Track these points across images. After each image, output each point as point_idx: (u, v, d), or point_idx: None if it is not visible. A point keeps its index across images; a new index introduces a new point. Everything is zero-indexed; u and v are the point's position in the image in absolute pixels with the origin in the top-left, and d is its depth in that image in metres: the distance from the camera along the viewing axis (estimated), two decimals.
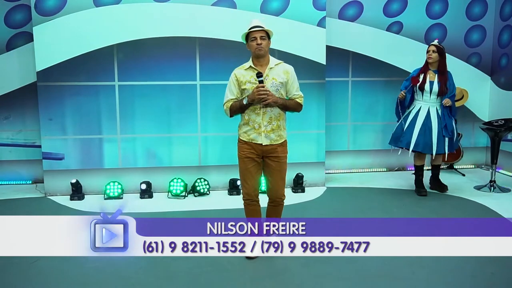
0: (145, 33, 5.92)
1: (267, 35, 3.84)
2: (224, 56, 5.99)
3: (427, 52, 5.83)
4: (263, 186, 5.50)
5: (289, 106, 3.89)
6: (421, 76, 5.83)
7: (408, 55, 7.16)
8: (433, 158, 5.99)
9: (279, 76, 3.84)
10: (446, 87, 5.73)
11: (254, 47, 3.78)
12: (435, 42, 5.87)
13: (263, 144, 3.85)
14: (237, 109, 3.88)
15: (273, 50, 5.79)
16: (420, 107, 5.87)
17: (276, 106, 3.82)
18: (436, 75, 5.78)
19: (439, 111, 5.80)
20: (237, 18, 5.97)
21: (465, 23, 7.33)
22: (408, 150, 5.90)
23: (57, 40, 5.79)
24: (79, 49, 5.85)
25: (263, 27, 3.80)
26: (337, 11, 6.96)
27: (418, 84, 5.80)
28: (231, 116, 3.97)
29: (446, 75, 5.77)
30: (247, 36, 3.83)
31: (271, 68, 3.84)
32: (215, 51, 6.03)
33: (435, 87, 5.76)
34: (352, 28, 7.04)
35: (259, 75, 3.76)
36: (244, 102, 3.80)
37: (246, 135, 3.90)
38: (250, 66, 3.87)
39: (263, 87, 3.72)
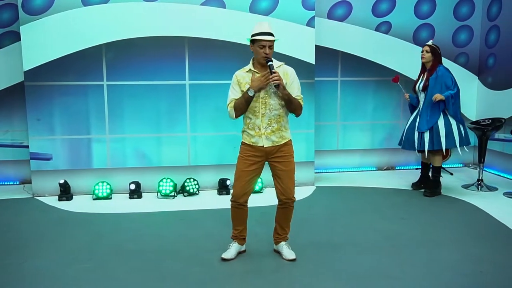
0: (134, 33, 5.90)
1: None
2: (214, 56, 5.99)
3: (421, 52, 5.89)
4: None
5: (293, 102, 3.78)
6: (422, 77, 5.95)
7: (397, 54, 7.22)
8: (425, 156, 6.00)
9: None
10: (428, 82, 5.75)
11: (261, 54, 3.70)
12: (430, 42, 5.90)
13: (264, 146, 3.82)
14: (243, 105, 3.76)
15: None
16: (419, 108, 5.93)
17: (283, 94, 3.72)
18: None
19: (423, 107, 5.84)
20: (226, 17, 5.97)
21: (452, 23, 7.40)
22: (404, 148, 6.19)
23: (44, 40, 5.75)
24: (67, 49, 5.81)
25: (273, 36, 3.71)
26: (326, 11, 6.99)
27: (411, 84, 5.91)
28: (236, 116, 3.83)
29: (433, 71, 5.76)
30: (255, 38, 3.72)
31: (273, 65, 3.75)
32: (204, 50, 6.02)
33: (420, 85, 5.84)
34: (341, 28, 7.07)
35: (269, 60, 3.68)
36: (250, 93, 3.69)
37: (248, 137, 3.86)
38: (250, 69, 3.82)
39: (276, 72, 3.65)
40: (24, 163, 6.31)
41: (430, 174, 6.18)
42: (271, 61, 3.71)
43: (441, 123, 5.73)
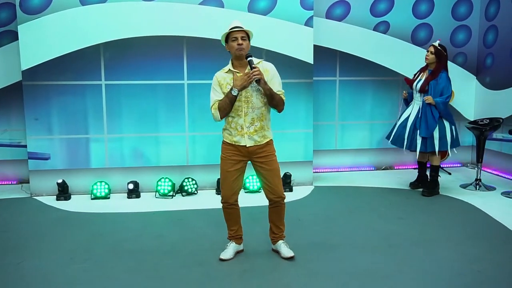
0: (132, 32, 5.89)
1: (248, 36, 3.78)
2: (212, 55, 5.97)
3: (427, 51, 5.90)
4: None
5: (274, 97, 3.75)
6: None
7: (395, 54, 7.23)
8: (417, 156, 6.02)
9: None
10: (428, 85, 5.75)
11: (235, 47, 3.70)
12: (436, 43, 5.88)
13: (247, 146, 3.81)
14: (227, 105, 3.73)
15: (261, 50, 5.81)
16: (413, 106, 5.95)
17: (264, 90, 3.70)
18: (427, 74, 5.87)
19: (421, 109, 5.84)
20: (225, 17, 5.96)
21: (451, 23, 7.41)
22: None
23: (42, 39, 5.74)
24: (65, 48, 5.81)
25: (243, 28, 3.74)
26: (324, 10, 7.00)
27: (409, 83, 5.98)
28: (221, 118, 3.80)
29: (435, 76, 5.75)
30: (227, 37, 3.76)
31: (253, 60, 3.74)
32: (202, 50, 6.02)
33: (418, 85, 5.84)
34: (340, 28, 7.08)
35: (248, 55, 3.70)
36: (234, 93, 3.67)
37: (230, 137, 3.85)
38: (230, 69, 3.81)
39: (256, 68, 3.64)
40: (22, 162, 6.30)
41: (427, 173, 6.18)
42: (251, 56, 3.71)
43: (436, 126, 5.77)
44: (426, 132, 5.74)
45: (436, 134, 5.76)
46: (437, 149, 5.78)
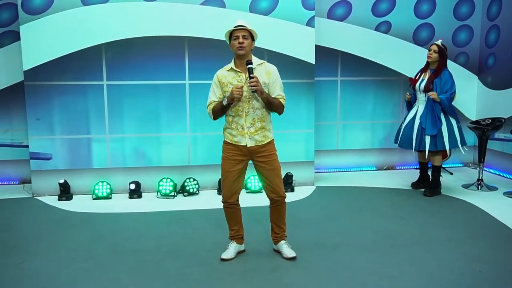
0: (133, 32, 5.90)
1: (251, 35, 3.77)
2: (213, 56, 5.97)
3: (429, 51, 5.87)
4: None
5: (273, 103, 3.78)
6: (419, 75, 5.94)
7: (397, 54, 7.22)
8: (426, 156, 5.92)
9: (261, 77, 3.76)
10: (432, 84, 5.73)
11: (236, 46, 3.71)
12: (439, 42, 5.86)
13: (247, 146, 3.81)
14: (219, 111, 3.83)
15: (262, 50, 5.81)
16: (418, 107, 5.92)
17: (262, 98, 3.72)
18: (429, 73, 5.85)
19: (426, 108, 5.82)
20: (226, 17, 5.97)
21: (452, 23, 7.40)
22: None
23: (44, 39, 5.75)
24: (67, 48, 5.81)
25: (246, 27, 3.74)
26: (326, 10, 6.99)
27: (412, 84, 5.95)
28: (215, 119, 3.90)
29: (438, 74, 5.74)
30: (230, 35, 3.78)
31: (253, 68, 3.73)
32: (204, 50, 6.02)
33: (422, 85, 5.82)
34: (341, 28, 7.07)
35: (249, 62, 3.69)
36: (224, 102, 3.75)
37: (231, 136, 3.85)
38: (232, 68, 3.81)
39: (254, 77, 3.64)
40: (24, 162, 6.31)
41: (429, 173, 6.17)
42: (251, 63, 3.70)
43: (443, 124, 5.73)
44: (432, 129, 5.70)
45: (444, 132, 5.71)
46: (447, 147, 5.74)
